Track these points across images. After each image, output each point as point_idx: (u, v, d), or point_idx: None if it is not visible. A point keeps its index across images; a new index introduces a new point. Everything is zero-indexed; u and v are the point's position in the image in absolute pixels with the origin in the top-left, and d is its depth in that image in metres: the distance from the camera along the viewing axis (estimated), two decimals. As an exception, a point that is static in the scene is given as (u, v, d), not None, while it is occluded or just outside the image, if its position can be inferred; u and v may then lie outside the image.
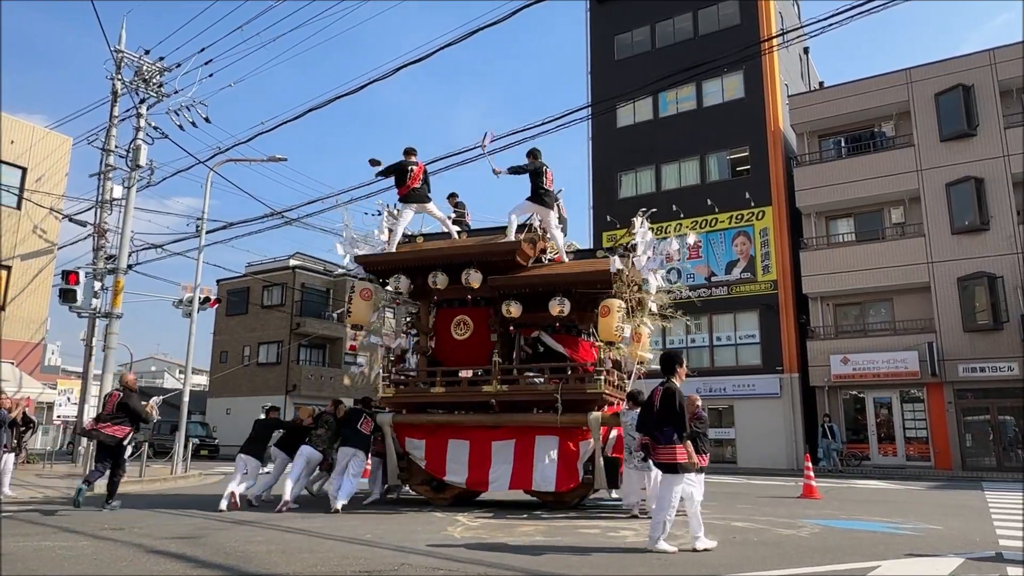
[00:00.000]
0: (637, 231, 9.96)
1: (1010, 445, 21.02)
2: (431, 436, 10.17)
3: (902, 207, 23.83)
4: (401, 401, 10.58)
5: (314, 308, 35.92)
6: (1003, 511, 10.24)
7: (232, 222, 19.44)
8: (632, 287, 9.80)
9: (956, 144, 22.62)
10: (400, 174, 10.63)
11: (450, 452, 9.94)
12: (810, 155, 25.69)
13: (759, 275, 24.69)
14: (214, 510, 9.22)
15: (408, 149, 10.79)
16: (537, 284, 10.00)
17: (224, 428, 33.62)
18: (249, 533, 7.33)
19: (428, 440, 10.14)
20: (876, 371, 22.25)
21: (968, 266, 21.63)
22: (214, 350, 38.04)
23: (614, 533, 7.55)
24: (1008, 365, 20.68)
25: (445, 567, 5.55)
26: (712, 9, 27.29)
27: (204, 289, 19.53)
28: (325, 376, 35.55)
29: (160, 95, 17.19)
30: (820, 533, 7.68)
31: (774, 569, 5.54)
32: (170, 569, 5.44)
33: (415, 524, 8.23)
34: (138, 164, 16.17)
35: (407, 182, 10.59)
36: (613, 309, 9.21)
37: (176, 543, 6.64)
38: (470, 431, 10.00)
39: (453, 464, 9.91)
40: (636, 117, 28.33)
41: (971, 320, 21.32)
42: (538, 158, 10.29)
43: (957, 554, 6.19)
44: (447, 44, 12.85)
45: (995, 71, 22.43)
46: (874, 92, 24.47)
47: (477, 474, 9.76)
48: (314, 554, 6.07)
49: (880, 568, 5.59)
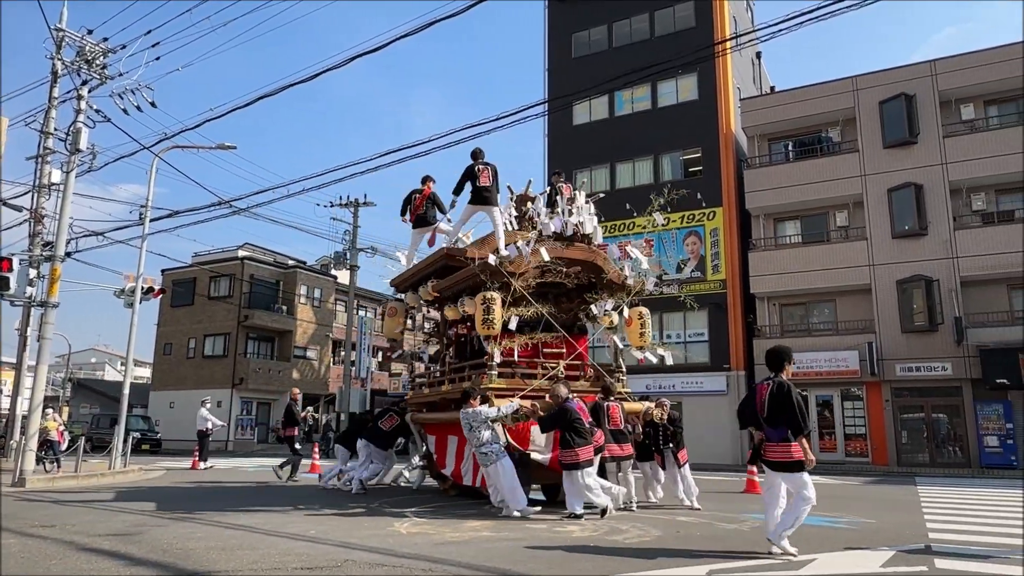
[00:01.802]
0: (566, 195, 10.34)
1: (943, 442, 21.90)
2: (438, 432, 11.01)
3: (846, 211, 24.54)
4: (415, 401, 11.95)
5: (263, 300, 35.22)
6: (933, 505, 10.65)
7: (178, 210, 18.88)
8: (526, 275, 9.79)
9: (898, 151, 23.39)
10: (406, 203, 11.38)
11: (448, 447, 10.59)
12: (760, 158, 26.26)
13: (709, 275, 25.14)
14: (151, 507, 8.96)
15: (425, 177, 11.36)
16: (452, 286, 10.45)
17: (168, 422, 32.76)
18: (188, 530, 7.14)
19: (436, 436, 11.11)
20: (819, 370, 22.89)
21: (907, 269, 22.41)
22: (158, 342, 37.01)
23: (561, 528, 7.59)
24: (942, 365, 21.52)
25: (389, 563, 5.50)
26: (668, 11, 27.63)
27: (148, 279, 19.00)
28: (274, 369, 34.92)
29: (103, 77, 16.57)
30: (761, 527, 7.84)
31: (717, 563, 5.64)
32: (102, 568, 5.26)
33: (363, 520, 8.15)
34: (78, 148, 15.55)
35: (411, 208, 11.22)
36: (476, 303, 9.49)
37: (110, 540, 6.43)
38: (458, 428, 10.12)
39: (448, 458, 10.52)
40: (592, 115, 28.53)
41: (908, 321, 22.11)
42: (479, 158, 10.33)
43: (889, 547, 6.41)
44: (403, 35, 12.69)
45: (936, 82, 23.25)
46: (822, 98, 25.13)
47: (457, 468, 10.22)
48: (255, 551, 5.94)
49: (816, 561, 5.75)
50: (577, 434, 8.23)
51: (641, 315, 10.56)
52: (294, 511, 8.85)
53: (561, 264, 10.08)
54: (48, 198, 17.69)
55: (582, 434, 8.26)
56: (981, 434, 20.74)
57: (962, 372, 21.17)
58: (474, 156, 10.40)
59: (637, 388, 12.68)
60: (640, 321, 10.54)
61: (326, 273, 38.84)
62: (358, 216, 30.11)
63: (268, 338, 36.26)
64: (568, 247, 10.33)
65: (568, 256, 10.19)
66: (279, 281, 36.61)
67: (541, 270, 9.94)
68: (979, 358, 20.83)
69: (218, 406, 26.69)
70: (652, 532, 7.32)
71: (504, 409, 8.73)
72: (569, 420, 8.26)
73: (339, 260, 30.77)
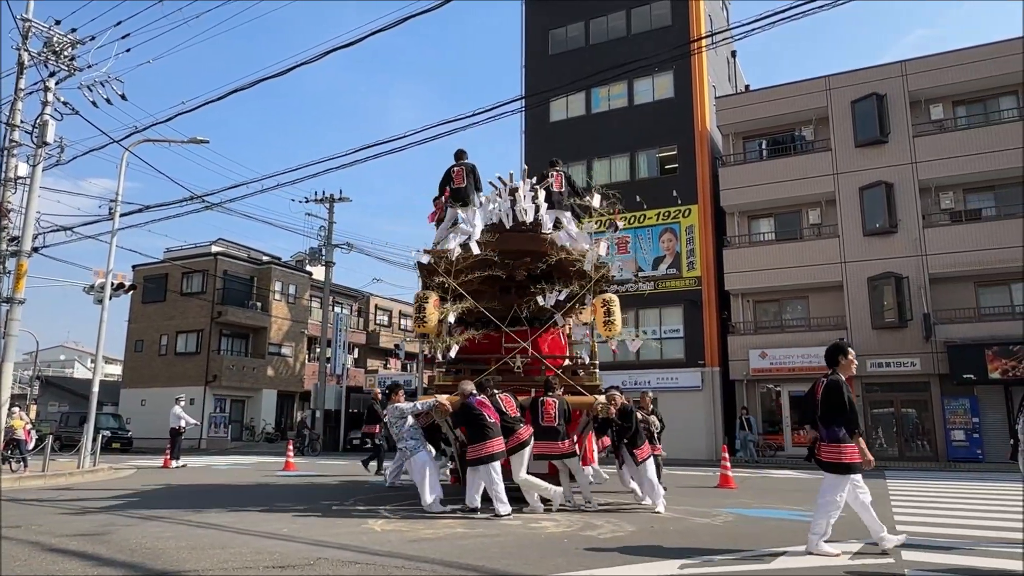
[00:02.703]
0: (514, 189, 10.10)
1: (911, 436, 22.31)
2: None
3: (819, 208, 24.86)
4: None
5: (237, 296, 34.81)
6: (901, 498, 10.86)
7: (149, 205, 18.59)
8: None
9: (869, 150, 23.73)
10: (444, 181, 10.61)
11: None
12: (735, 156, 26.49)
13: (684, 271, 25.33)
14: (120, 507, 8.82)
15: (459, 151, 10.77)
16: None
17: (139, 420, 32.26)
18: (158, 529, 7.05)
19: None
20: (792, 365, 23.18)
21: (877, 266, 22.77)
22: (129, 339, 36.41)
23: (535, 524, 7.61)
24: (911, 361, 21.91)
25: (362, 560, 5.48)
26: (645, 9, 27.74)
27: (118, 275, 18.69)
28: (248, 367, 34.53)
29: (71, 69, 16.24)
30: (733, 521, 7.95)
31: (690, 558, 5.69)
32: (68, 569, 5.18)
33: (336, 518, 8.10)
34: (45, 141, 15.24)
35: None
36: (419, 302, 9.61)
37: (77, 541, 6.33)
38: None
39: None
40: (569, 112, 28.56)
41: (879, 318, 22.47)
42: (461, 159, 10.38)
43: (858, 539, 6.51)
44: (378, 30, 12.60)
45: (906, 82, 23.62)
46: (795, 97, 25.41)
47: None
48: (226, 550, 5.88)
49: (786, 554, 5.83)
50: (480, 429, 8.32)
51: (605, 302, 9.94)
52: (267, 510, 8.77)
53: (508, 257, 9.89)
54: (14, 192, 17.27)
55: (485, 429, 8.30)
56: (948, 428, 21.16)
57: (930, 368, 21.58)
58: (456, 157, 10.45)
59: (615, 384, 12.52)
60: (604, 309, 9.90)
61: (301, 269, 38.50)
62: (333, 212, 29.91)
63: (242, 335, 35.86)
64: (510, 238, 10.01)
65: (511, 248, 9.91)
66: (253, 277, 36.21)
67: (485, 264, 9.80)
68: (947, 354, 21.24)
69: (191, 404, 26.32)
70: (626, 528, 7.36)
71: (420, 406, 9.11)
72: (471, 416, 8.42)
73: (314, 256, 30.54)
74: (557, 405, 8.84)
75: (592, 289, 10.12)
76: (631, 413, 9.10)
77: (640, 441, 9.10)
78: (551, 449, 8.78)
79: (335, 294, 37.13)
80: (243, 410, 35.22)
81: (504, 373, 9.96)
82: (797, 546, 6.20)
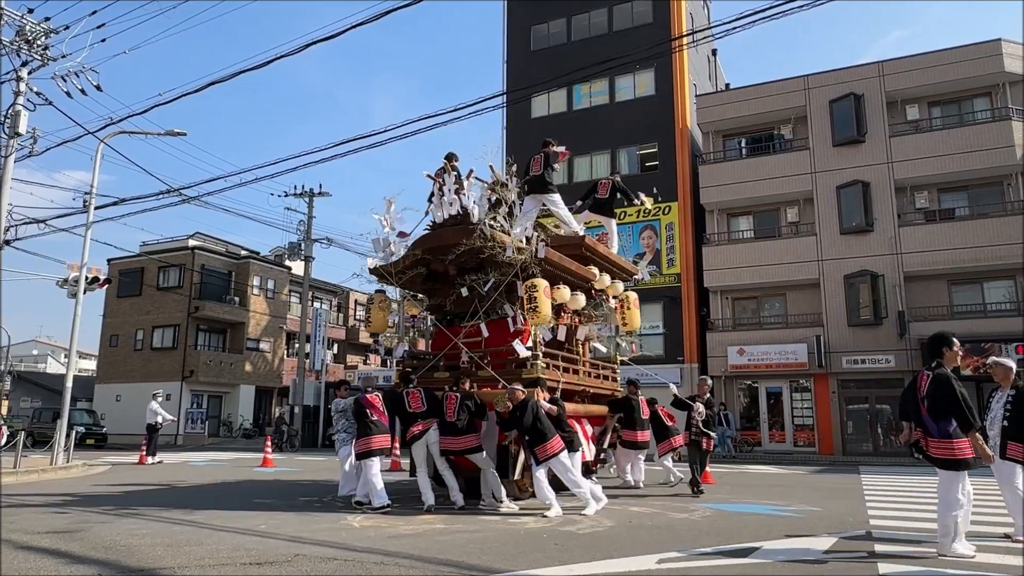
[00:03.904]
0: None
1: (885, 432, 22.65)
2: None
3: (797, 207, 25.11)
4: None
5: (215, 291, 34.44)
6: (875, 493, 11.01)
7: (125, 198, 18.31)
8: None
9: (847, 149, 24.01)
10: None
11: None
12: (715, 154, 26.67)
13: (664, 268, 25.46)
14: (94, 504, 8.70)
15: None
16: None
17: (114, 416, 31.85)
18: (132, 526, 6.97)
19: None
20: (769, 362, 23.43)
21: (854, 264, 23.06)
22: (104, 333, 35.89)
23: (515, 520, 7.62)
24: (886, 358, 22.24)
25: (341, 556, 5.45)
26: (627, 6, 27.83)
27: (93, 268, 18.40)
28: (225, 362, 34.20)
29: (45, 58, 15.96)
30: (711, 516, 8.02)
31: (668, 552, 5.73)
32: (40, 567, 5.09)
33: (314, 515, 8.06)
34: (17, 132, 14.98)
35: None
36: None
37: (49, 538, 6.23)
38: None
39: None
40: (551, 108, 28.59)
41: (855, 315, 22.77)
42: (450, 160, 10.39)
43: (831, 534, 6.60)
44: (359, 23, 12.50)
45: (883, 82, 23.92)
46: (775, 96, 25.63)
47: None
48: (203, 547, 5.83)
49: (761, 549, 5.89)
50: (365, 425, 8.65)
51: (527, 288, 9.21)
52: (245, 507, 8.70)
53: (440, 253, 9.88)
54: (-15, 183, 16.99)
55: (368, 425, 8.64)
56: (921, 424, 21.47)
57: (904, 364, 21.91)
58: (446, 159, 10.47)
59: (633, 378, 12.25)
60: (527, 295, 9.21)
61: (280, 264, 38.16)
62: (313, 206, 29.67)
63: (220, 330, 35.49)
64: (442, 233, 10.01)
65: (442, 243, 9.86)
66: (231, 272, 35.84)
67: (425, 262, 10.11)
68: (920, 351, 21.56)
69: (167, 399, 25.96)
70: (605, 523, 7.40)
71: (343, 403, 9.95)
72: (360, 412, 8.77)
73: (294, 251, 30.25)
74: (459, 400, 8.66)
75: (520, 275, 9.52)
76: (528, 407, 8.20)
77: (543, 440, 8.15)
78: (452, 444, 8.60)
79: (314, 289, 36.87)
80: (220, 406, 34.88)
81: (452, 369, 9.88)
82: (773, 540, 6.28)
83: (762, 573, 5.10)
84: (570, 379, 10.47)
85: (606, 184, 12.45)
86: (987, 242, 21.53)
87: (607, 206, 12.52)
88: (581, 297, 10.76)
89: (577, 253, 10.90)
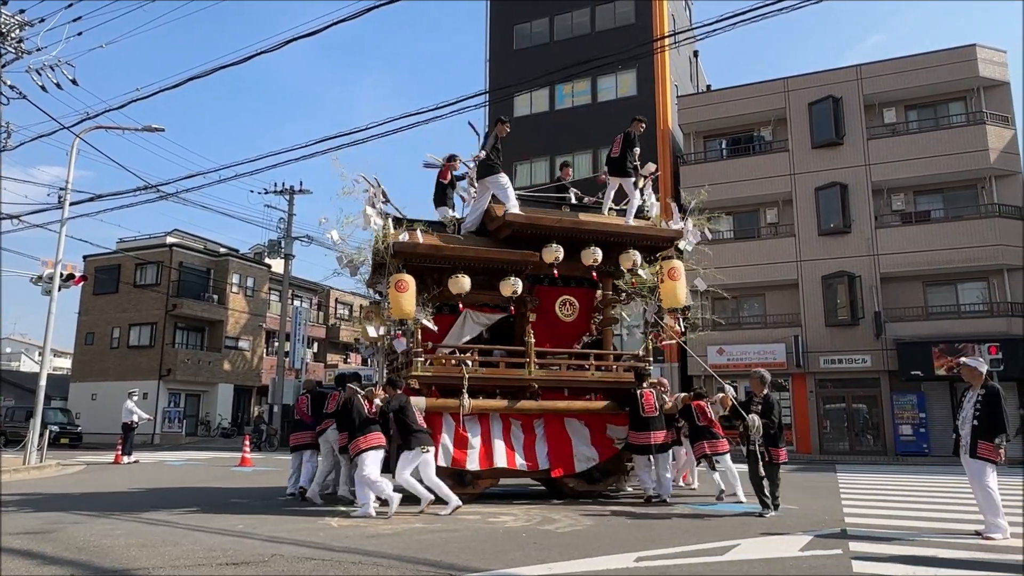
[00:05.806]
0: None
1: (861, 431, 22.95)
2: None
3: (776, 208, 25.34)
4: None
5: (193, 289, 34.04)
6: (851, 491, 11.16)
7: (101, 194, 18.04)
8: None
9: (825, 151, 24.27)
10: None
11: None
12: (696, 154, 26.84)
13: (645, 268, 25.55)
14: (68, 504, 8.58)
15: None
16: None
17: (89, 415, 31.39)
18: (107, 527, 6.88)
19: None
20: (748, 362, 23.58)
21: (831, 265, 23.33)
22: (79, 331, 35.35)
23: (494, 519, 7.62)
24: (862, 358, 22.53)
25: (318, 556, 5.42)
26: (609, 7, 27.93)
27: (68, 265, 18.14)
28: (203, 360, 33.83)
29: (19, 51, 15.72)
30: (689, 515, 8.08)
31: (646, 550, 5.76)
32: (12, 568, 5.02)
33: (292, 515, 8.00)
34: (-10, 126, 14.72)
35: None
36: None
37: (21, 539, 6.14)
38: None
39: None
40: (533, 108, 28.63)
41: (832, 316, 23.04)
42: (450, 161, 10.62)
43: (807, 532, 6.68)
44: (342, 19, 12.43)
45: (861, 86, 24.21)
46: (755, 98, 25.84)
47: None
48: (178, 547, 5.77)
49: (739, 547, 5.94)
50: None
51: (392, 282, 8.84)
52: (221, 506, 8.62)
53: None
54: (-43, 178, 16.69)
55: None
56: (897, 423, 21.82)
57: (880, 364, 22.21)
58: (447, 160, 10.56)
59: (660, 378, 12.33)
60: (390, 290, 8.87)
61: (260, 262, 37.83)
62: (294, 204, 29.45)
63: (198, 328, 35.11)
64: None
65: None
66: (210, 269, 35.46)
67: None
68: (896, 351, 21.88)
69: (144, 398, 25.65)
70: (584, 522, 7.42)
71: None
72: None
73: (273, 248, 30.02)
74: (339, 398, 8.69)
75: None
76: (403, 407, 8.00)
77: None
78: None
79: (295, 287, 36.59)
80: (198, 405, 34.52)
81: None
82: (750, 538, 6.33)
83: (739, 572, 5.15)
84: (490, 372, 9.65)
85: (619, 140, 11.04)
86: (962, 244, 21.88)
87: (620, 165, 10.89)
88: (466, 280, 9.43)
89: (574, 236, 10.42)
